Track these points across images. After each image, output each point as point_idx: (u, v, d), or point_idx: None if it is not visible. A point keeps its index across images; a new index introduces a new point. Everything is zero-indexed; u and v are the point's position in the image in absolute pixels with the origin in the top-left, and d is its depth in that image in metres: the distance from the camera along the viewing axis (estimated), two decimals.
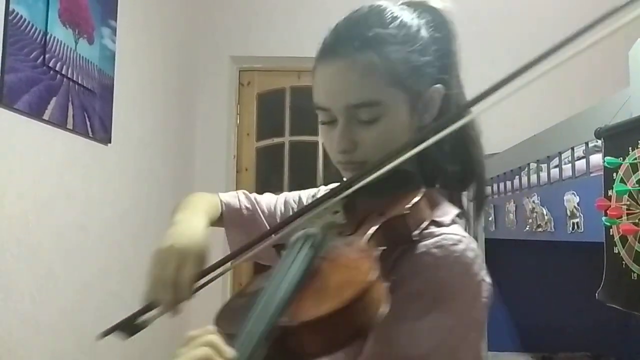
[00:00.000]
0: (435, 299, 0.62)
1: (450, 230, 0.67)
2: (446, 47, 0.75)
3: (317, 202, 0.68)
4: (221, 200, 0.93)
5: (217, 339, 0.49)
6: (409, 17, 0.73)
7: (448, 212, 0.71)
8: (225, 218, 0.92)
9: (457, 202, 0.77)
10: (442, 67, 0.74)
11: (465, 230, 0.72)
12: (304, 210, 0.69)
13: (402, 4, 0.77)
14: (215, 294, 2.84)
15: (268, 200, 0.98)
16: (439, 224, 0.68)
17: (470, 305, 0.64)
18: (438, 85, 0.73)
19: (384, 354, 0.60)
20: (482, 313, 0.66)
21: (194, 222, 0.77)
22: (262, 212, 0.94)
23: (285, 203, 0.97)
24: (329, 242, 0.61)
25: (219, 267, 0.73)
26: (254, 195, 0.98)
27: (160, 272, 0.68)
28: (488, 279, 0.67)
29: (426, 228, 0.66)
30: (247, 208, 0.94)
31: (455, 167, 0.75)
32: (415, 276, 0.63)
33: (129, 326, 0.73)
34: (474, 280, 0.64)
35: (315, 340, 0.48)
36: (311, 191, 0.98)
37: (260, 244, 0.73)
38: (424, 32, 0.73)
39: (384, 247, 0.59)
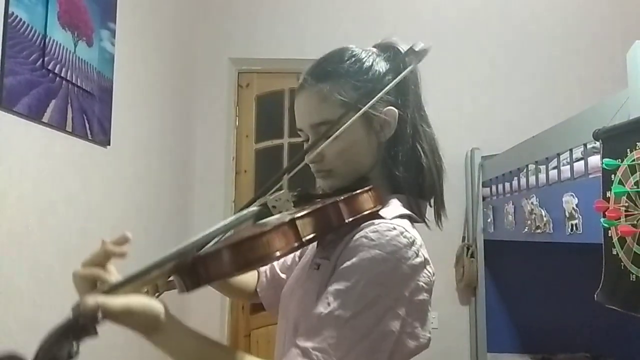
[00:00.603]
0: (366, 270, 0.72)
1: (388, 220, 0.78)
2: (397, 75, 0.87)
3: (260, 194, 0.85)
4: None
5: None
6: (365, 55, 0.89)
7: (394, 210, 0.82)
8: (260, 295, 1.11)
9: (414, 209, 0.87)
10: (397, 92, 0.88)
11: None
12: (250, 201, 0.85)
13: (373, 45, 0.93)
14: (215, 298, 2.84)
15: None
16: (381, 218, 0.79)
17: (400, 281, 0.73)
18: (391, 107, 0.87)
19: (319, 315, 0.71)
20: (416, 294, 0.75)
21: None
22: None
23: None
24: (276, 217, 0.78)
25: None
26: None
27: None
28: (429, 269, 0.78)
29: (366, 219, 0.78)
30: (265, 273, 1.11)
31: (407, 177, 0.87)
32: (351, 255, 0.74)
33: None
34: (403, 262, 0.74)
35: (216, 266, 0.67)
36: None
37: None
38: (378, 66, 0.88)
39: (310, 222, 0.73)
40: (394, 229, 0.76)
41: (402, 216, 0.81)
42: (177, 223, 2.81)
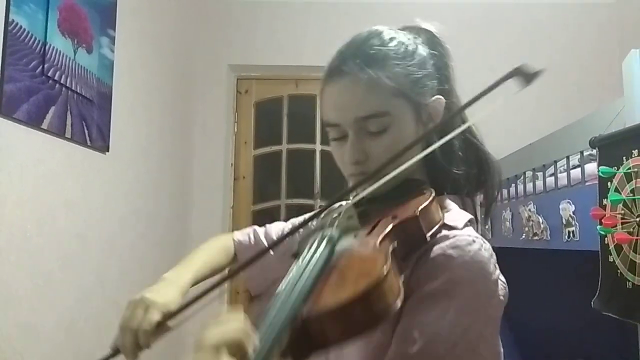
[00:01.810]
0: (453, 297, 0.63)
1: (463, 232, 0.69)
2: (442, 61, 0.81)
3: (324, 210, 0.72)
4: (234, 240, 1.00)
5: (249, 325, 0.51)
6: (405, 38, 0.79)
7: (460, 216, 0.74)
8: (238, 256, 0.98)
9: (469, 209, 0.79)
10: (441, 79, 0.80)
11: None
12: (312, 217, 0.73)
13: (398, 29, 0.83)
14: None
15: (277, 229, 1.02)
16: (451, 228, 0.70)
17: (486, 303, 0.66)
18: (439, 96, 0.78)
19: (406, 355, 0.61)
20: (498, 310, 0.68)
21: (175, 282, 0.84)
22: (272, 241, 0.99)
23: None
24: (345, 242, 0.64)
25: (198, 299, 0.75)
26: (265, 228, 1.03)
27: (127, 319, 0.76)
28: (502, 278, 0.70)
29: (439, 231, 0.68)
30: (256, 242, 0.99)
31: (461, 173, 0.78)
32: (432, 277, 0.64)
33: None
34: (489, 278, 0.66)
35: (335, 328, 0.52)
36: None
37: (257, 258, 0.75)
38: (420, 50, 0.79)
39: (397, 243, 0.62)
40: (473, 242, 0.67)
41: (470, 221, 0.74)
42: (176, 229, 2.81)
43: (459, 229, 0.70)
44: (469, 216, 0.75)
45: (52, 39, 1.62)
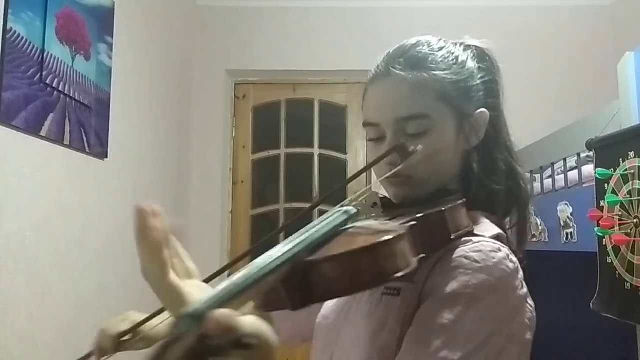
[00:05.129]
0: (473, 300, 0.60)
1: (490, 240, 0.67)
2: (491, 76, 0.80)
3: (353, 199, 0.68)
4: None
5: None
6: (454, 48, 0.78)
7: (490, 228, 0.71)
8: None
9: (504, 230, 0.76)
10: (488, 93, 0.78)
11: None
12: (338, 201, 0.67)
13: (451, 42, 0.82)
14: None
15: None
16: (478, 236, 0.67)
17: (510, 316, 0.61)
18: (484, 110, 0.76)
19: (421, 356, 0.58)
20: (524, 331, 0.63)
21: None
22: None
23: None
24: (362, 221, 0.61)
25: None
26: None
27: (106, 322, 0.65)
28: (531, 302, 0.66)
29: (465, 236, 0.65)
30: None
31: (497, 189, 0.76)
32: (452, 278, 0.61)
33: None
34: (515, 291, 0.62)
35: (339, 275, 0.49)
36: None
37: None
38: (469, 62, 0.78)
39: (419, 228, 0.58)
40: (500, 250, 0.64)
41: (499, 236, 0.70)
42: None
43: (487, 237, 0.67)
44: (499, 231, 0.71)
45: (50, 46, 1.63)
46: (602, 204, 1.37)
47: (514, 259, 0.65)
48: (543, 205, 1.93)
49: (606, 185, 1.35)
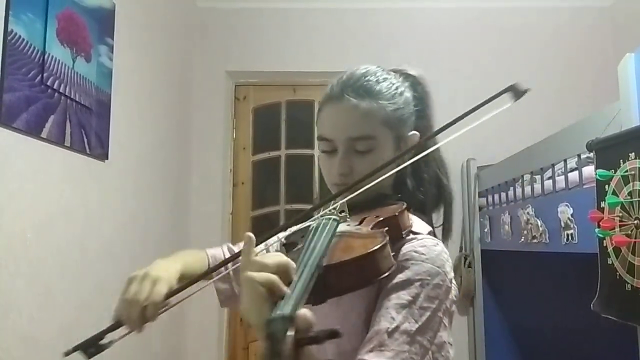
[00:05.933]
0: (423, 284, 0.77)
1: (430, 237, 0.85)
2: (423, 102, 0.98)
3: (316, 207, 0.84)
4: (207, 255, 1.06)
5: (277, 278, 0.60)
6: (395, 80, 0.95)
7: (423, 226, 0.89)
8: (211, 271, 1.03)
9: (429, 225, 0.93)
10: (420, 117, 0.96)
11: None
12: (307, 213, 0.83)
13: (390, 70, 0.98)
14: (212, 310, 2.84)
15: None
16: (417, 233, 0.84)
17: (445, 296, 0.78)
18: (415, 132, 0.94)
19: (385, 330, 0.73)
20: (452, 306, 0.80)
21: (169, 264, 0.93)
22: None
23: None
24: (342, 226, 0.78)
25: (190, 285, 0.84)
26: (238, 245, 1.08)
27: (134, 292, 0.82)
28: (454, 281, 0.83)
29: (408, 234, 0.83)
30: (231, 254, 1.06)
31: (425, 194, 0.95)
32: (406, 268, 0.78)
33: (95, 345, 0.78)
34: (448, 276, 0.80)
35: (348, 277, 0.66)
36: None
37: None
38: (406, 92, 0.95)
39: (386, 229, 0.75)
40: (437, 244, 0.82)
41: (430, 232, 0.88)
42: (175, 235, 2.81)
43: (425, 234, 0.85)
44: (429, 228, 0.90)
45: (51, 48, 1.63)
46: (602, 205, 1.37)
47: (446, 250, 0.83)
48: (543, 206, 1.93)
49: (607, 186, 1.36)
